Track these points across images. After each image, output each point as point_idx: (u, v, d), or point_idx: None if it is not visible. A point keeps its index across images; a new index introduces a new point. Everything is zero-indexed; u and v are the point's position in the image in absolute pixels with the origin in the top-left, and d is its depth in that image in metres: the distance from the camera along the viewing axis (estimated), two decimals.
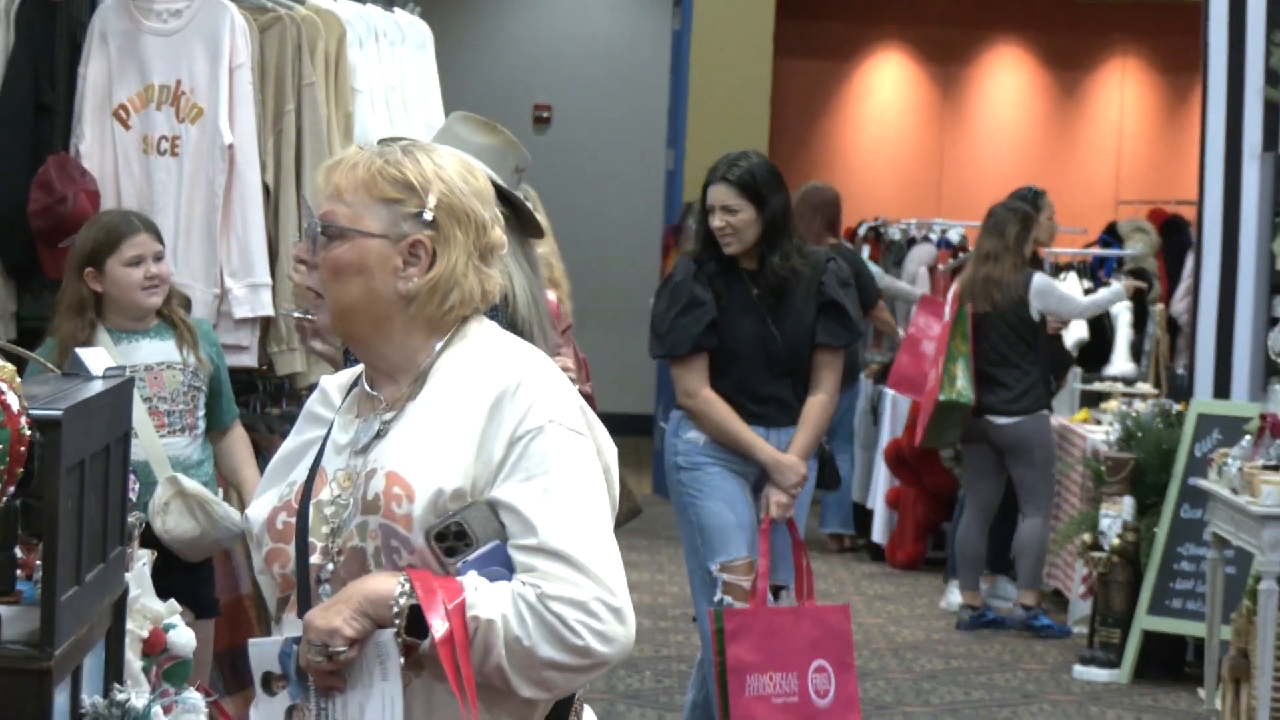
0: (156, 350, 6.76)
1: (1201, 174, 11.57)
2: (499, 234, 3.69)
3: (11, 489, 4.23)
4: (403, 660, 3.45)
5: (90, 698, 4.75)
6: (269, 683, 3.56)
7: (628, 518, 8.02)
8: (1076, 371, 13.55)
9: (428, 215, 3.60)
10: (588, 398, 7.85)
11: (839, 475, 8.20)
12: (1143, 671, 10.97)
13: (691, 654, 11.22)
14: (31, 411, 4.35)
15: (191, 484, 6.67)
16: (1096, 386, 13.80)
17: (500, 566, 3.47)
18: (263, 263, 7.65)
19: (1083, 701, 10.53)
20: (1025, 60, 19.64)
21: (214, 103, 7.68)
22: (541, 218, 7.75)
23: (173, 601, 5.64)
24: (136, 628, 5.38)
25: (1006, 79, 19.69)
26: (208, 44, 7.69)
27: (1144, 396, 12.91)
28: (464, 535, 3.48)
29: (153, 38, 7.70)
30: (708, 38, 17.12)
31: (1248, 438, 9.80)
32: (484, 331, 3.72)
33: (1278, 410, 9.77)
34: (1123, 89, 19.70)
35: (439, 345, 3.66)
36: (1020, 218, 12.04)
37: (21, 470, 4.24)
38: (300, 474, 3.69)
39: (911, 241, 15.23)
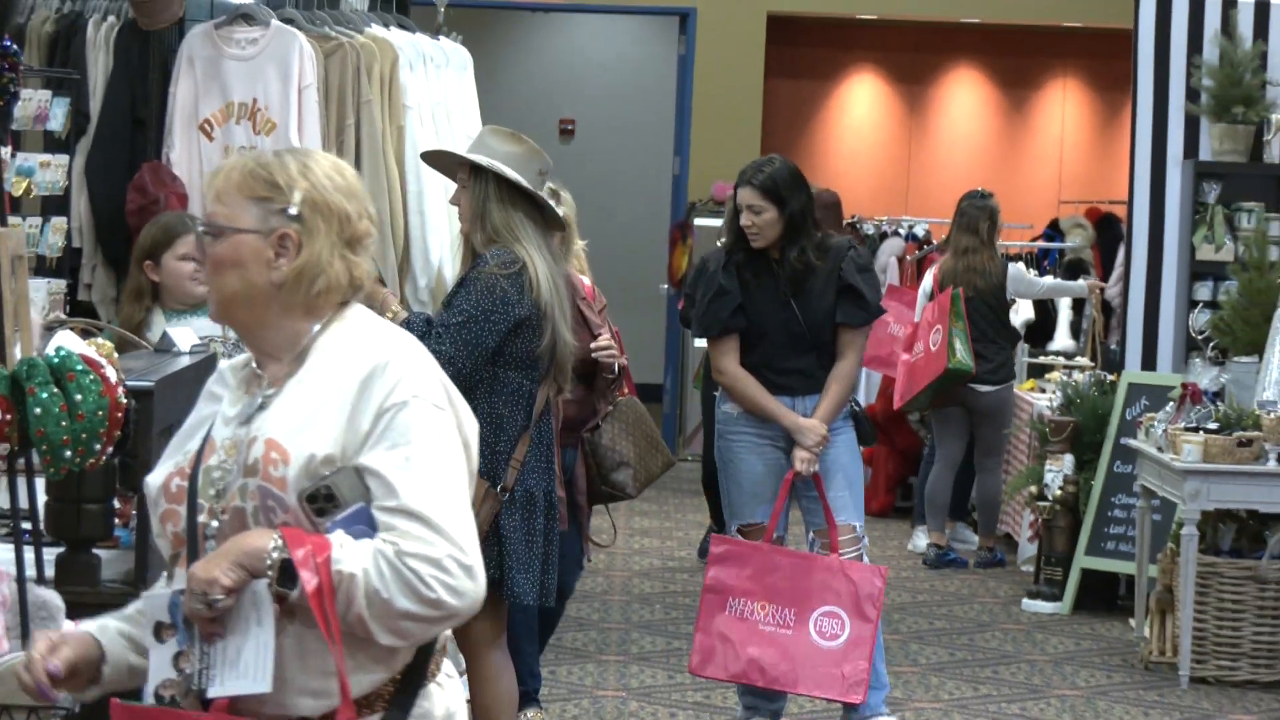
0: (201, 327, 6.72)
1: (1131, 177, 11.54)
2: (365, 226, 3.59)
3: (110, 449, 4.22)
4: (276, 608, 3.35)
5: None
6: (159, 631, 3.46)
7: (663, 469, 7.97)
8: (1024, 347, 13.53)
9: (293, 210, 3.50)
10: (625, 368, 7.83)
11: (873, 431, 8.13)
12: (1081, 604, 10.97)
13: (695, 589, 11.21)
14: (128, 382, 4.34)
15: None
16: (1041, 360, 13.80)
17: (364, 526, 3.36)
18: None
19: (1030, 630, 10.51)
20: (980, 81, 19.59)
21: (285, 118, 7.66)
22: (570, 213, 7.75)
23: None
24: None
25: (964, 97, 19.64)
26: (280, 67, 7.67)
27: (1082, 368, 12.88)
28: (333, 497, 3.38)
29: (233, 62, 7.69)
30: (708, 61, 17.09)
31: (1171, 404, 9.80)
32: (359, 316, 3.60)
33: (1197, 381, 9.77)
34: (1063, 105, 19.64)
35: (316, 328, 3.55)
36: (988, 214, 12.12)
37: (119, 433, 4.23)
38: (194, 444, 3.59)
39: (883, 235, 15.17)
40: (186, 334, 5.61)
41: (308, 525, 3.39)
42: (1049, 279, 13.29)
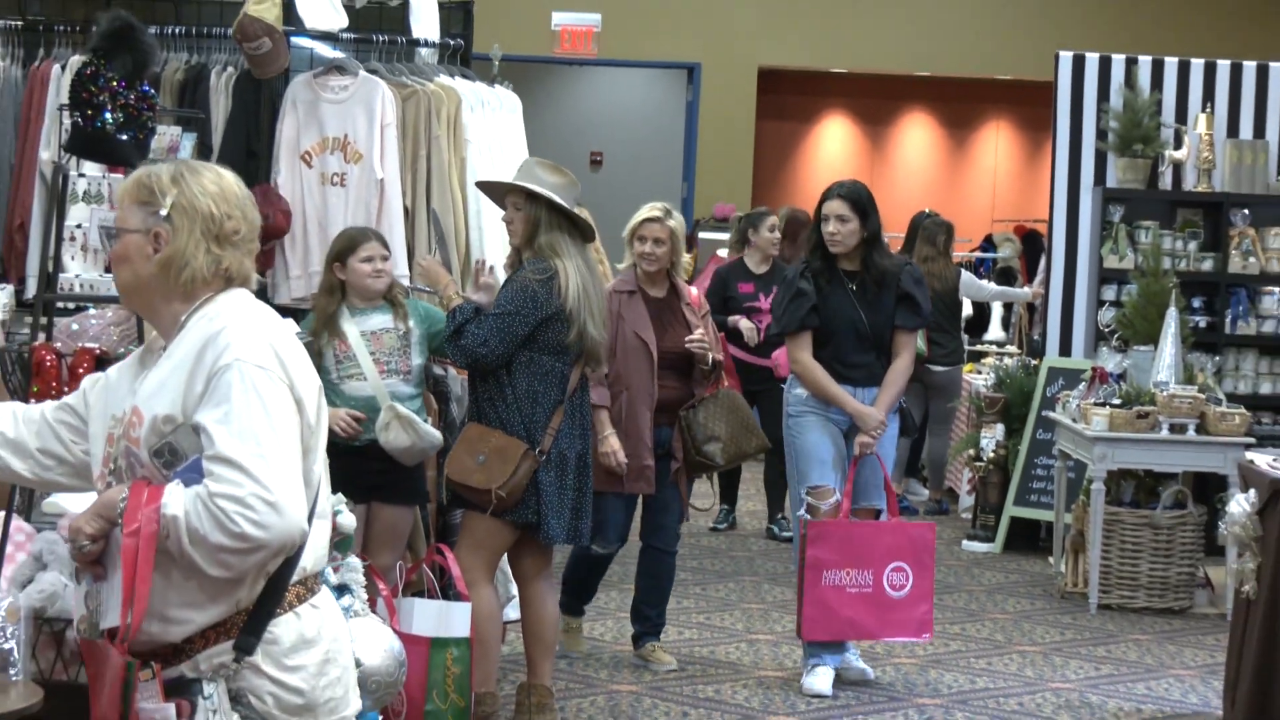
0: (378, 321, 6.72)
1: (1051, 201, 11.52)
2: (233, 225, 3.46)
3: None
4: None
5: None
6: (77, 574, 3.42)
7: (756, 450, 7.82)
8: (964, 337, 13.51)
9: (163, 212, 3.40)
10: (721, 363, 7.71)
11: (915, 423, 7.94)
12: (1010, 545, 10.96)
13: (700, 532, 11.18)
14: None
15: (404, 410, 6.63)
16: (978, 348, 13.79)
17: (197, 474, 3.24)
18: (403, 260, 7.61)
19: (968, 566, 10.49)
20: (929, 123, 19.54)
21: (370, 150, 7.64)
22: (679, 230, 7.75)
23: (340, 494, 5.60)
24: None
25: (916, 135, 19.59)
26: (366, 109, 7.65)
27: (1011, 355, 12.88)
28: (175, 451, 3.28)
29: (328, 104, 7.67)
30: (710, 106, 17.07)
31: (1083, 384, 9.80)
32: (232, 299, 3.45)
33: (1104, 365, 9.76)
34: (996, 142, 19.59)
35: (192, 309, 3.44)
36: (945, 230, 12.11)
37: None
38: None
39: None
40: (289, 325, 5.58)
41: (158, 477, 3.30)
42: (996, 286, 13.34)
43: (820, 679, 7.54)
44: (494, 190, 6.70)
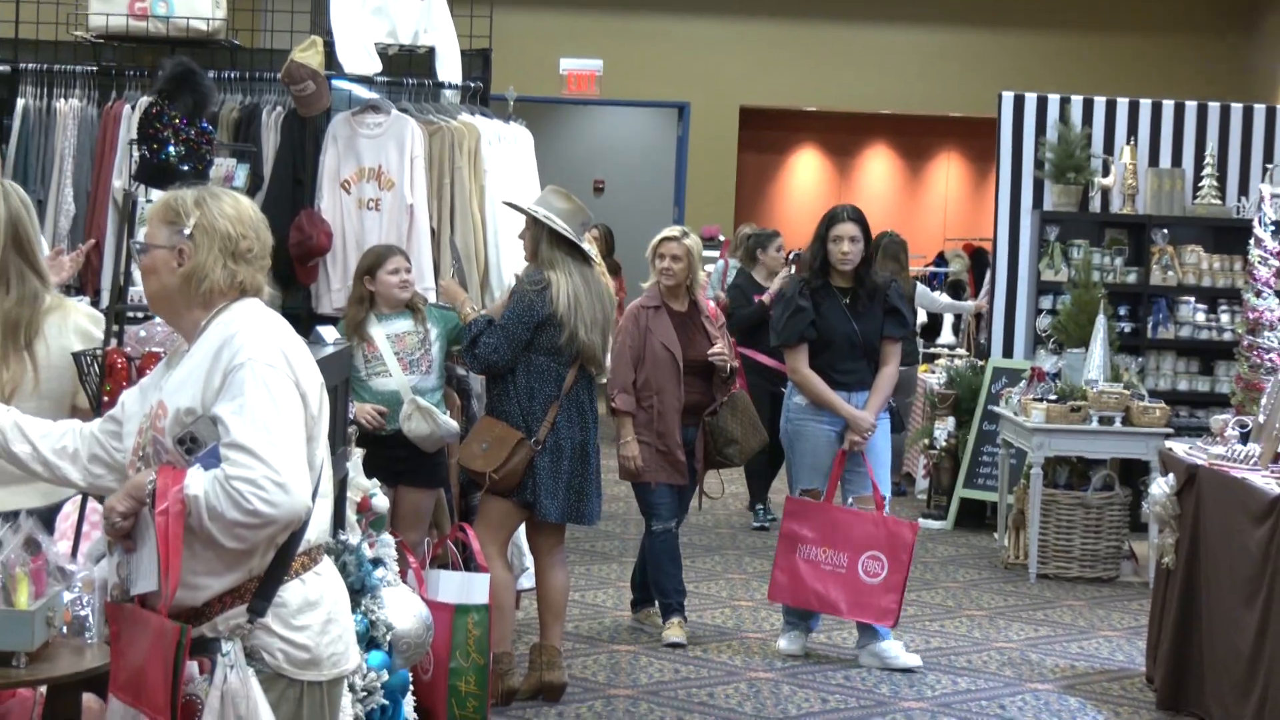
0: (402, 325, 6.76)
1: (995, 222, 11.52)
2: (248, 244, 3.45)
3: None
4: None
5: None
6: (110, 546, 3.44)
7: (759, 446, 7.76)
8: (920, 341, 13.50)
9: (186, 231, 3.41)
10: (737, 369, 7.66)
11: (904, 422, 7.85)
12: (960, 522, 10.95)
13: (695, 518, 11.16)
14: None
15: (424, 402, 6.65)
16: (932, 350, 13.77)
17: (215, 460, 3.25)
18: (429, 275, 7.59)
19: (923, 540, 10.46)
20: (889, 154, 19.53)
21: (400, 179, 7.62)
22: (697, 251, 7.74)
23: (375, 479, 5.59)
24: (353, 495, 5.33)
25: (877, 165, 19.58)
26: (398, 143, 7.63)
27: (960, 356, 12.87)
28: (196, 439, 3.29)
29: (364, 139, 7.65)
30: (698, 139, 17.04)
31: (1024, 381, 9.80)
32: (244, 307, 3.45)
33: (1042, 365, 9.76)
34: (948, 171, 19.59)
35: (211, 316, 3.45)
36: (904, 248, 12.13)
37: None
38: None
39: None
40: (330, 331, 5.57)
41: (181, 462, 3.31)
42: (947, 299, 13.38)
43: (793, 641, 7.53)
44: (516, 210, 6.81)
